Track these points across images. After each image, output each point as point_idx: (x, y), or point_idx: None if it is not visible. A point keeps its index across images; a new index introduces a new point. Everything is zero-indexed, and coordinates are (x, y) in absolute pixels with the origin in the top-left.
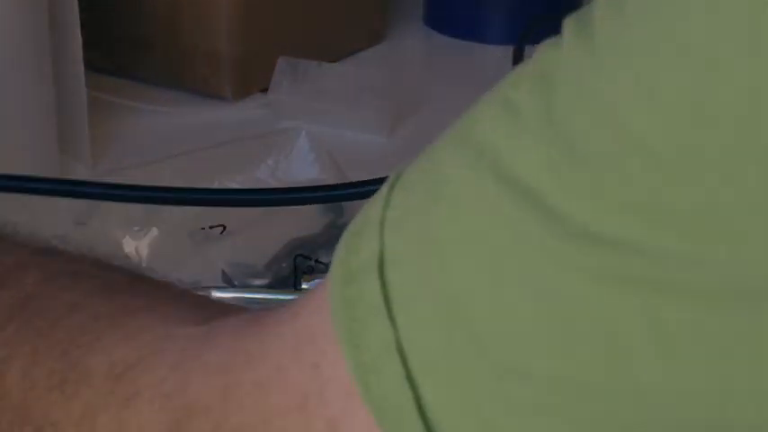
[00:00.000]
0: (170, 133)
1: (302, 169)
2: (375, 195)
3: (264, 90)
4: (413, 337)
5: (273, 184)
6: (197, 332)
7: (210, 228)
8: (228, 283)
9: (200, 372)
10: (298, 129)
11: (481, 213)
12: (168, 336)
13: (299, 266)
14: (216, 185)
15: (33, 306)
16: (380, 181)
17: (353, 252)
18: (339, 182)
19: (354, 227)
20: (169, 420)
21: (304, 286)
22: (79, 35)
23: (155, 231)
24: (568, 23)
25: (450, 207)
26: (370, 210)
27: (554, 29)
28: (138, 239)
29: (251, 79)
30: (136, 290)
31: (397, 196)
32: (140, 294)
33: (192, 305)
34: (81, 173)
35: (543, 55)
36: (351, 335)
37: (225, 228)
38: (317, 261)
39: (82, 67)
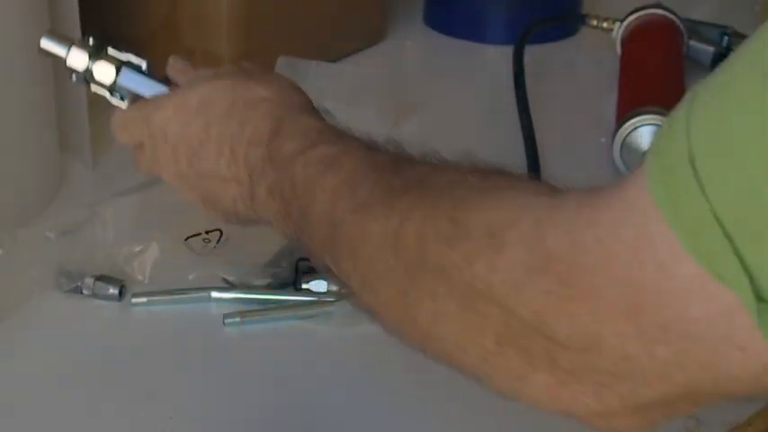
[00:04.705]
0: None
1: None
2: (678, 106)
3: None
4: (725, 207)
5: None
6: (549, 201)
7: (207, 233)
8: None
9: (552, 230)
10: None
11: (759, 110)
12: (527, 204)
13: (300, 269)
14: None
15: (423, 185)
16: None
17: (665, 147)
18: None
19: (665, 130)
20: (531, 265)
21: (304, 286)
22: (79, 35)
23: (155, 248)
24: None
25: (739, 108)
26: (678, 112)
27: (554, 29)
28: (139, 257)
29: None
30: (497, 175)
31: (698, 107)
32: (501, 176)
33: (537, 184)
34: (81, 172)
35: None
36: (671, 204)
37: (222, 232)
38: None
39: None
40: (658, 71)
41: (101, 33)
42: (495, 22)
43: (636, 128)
